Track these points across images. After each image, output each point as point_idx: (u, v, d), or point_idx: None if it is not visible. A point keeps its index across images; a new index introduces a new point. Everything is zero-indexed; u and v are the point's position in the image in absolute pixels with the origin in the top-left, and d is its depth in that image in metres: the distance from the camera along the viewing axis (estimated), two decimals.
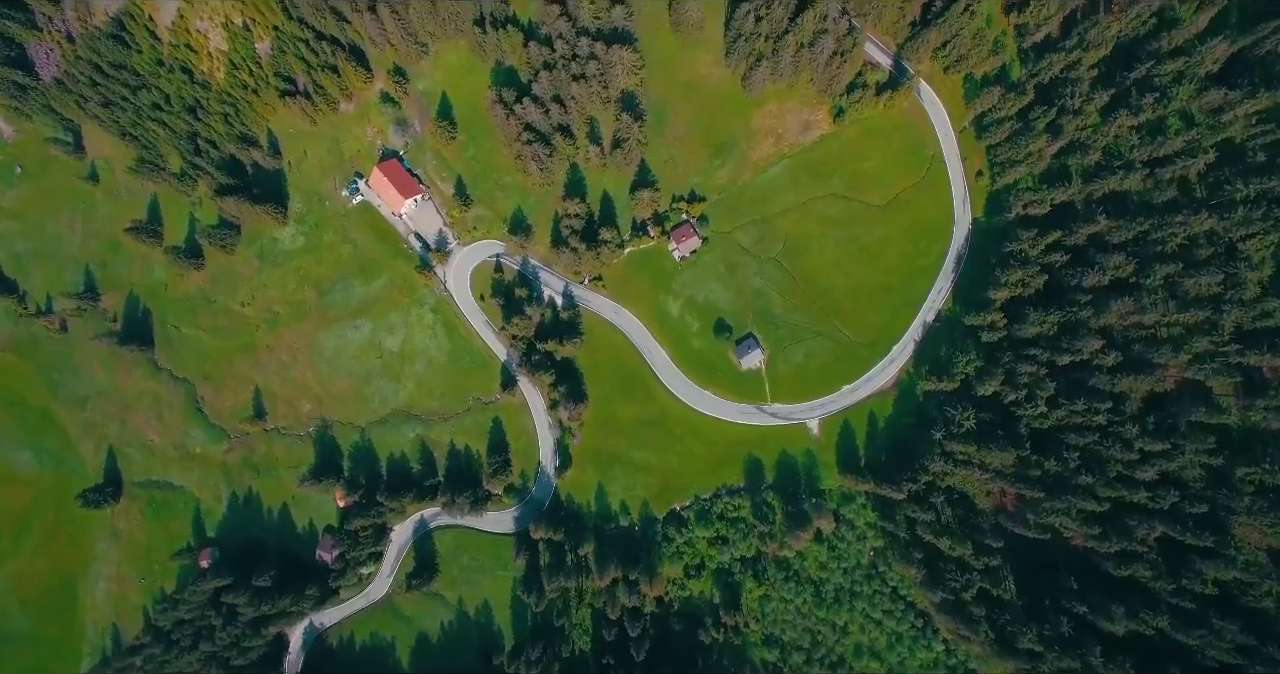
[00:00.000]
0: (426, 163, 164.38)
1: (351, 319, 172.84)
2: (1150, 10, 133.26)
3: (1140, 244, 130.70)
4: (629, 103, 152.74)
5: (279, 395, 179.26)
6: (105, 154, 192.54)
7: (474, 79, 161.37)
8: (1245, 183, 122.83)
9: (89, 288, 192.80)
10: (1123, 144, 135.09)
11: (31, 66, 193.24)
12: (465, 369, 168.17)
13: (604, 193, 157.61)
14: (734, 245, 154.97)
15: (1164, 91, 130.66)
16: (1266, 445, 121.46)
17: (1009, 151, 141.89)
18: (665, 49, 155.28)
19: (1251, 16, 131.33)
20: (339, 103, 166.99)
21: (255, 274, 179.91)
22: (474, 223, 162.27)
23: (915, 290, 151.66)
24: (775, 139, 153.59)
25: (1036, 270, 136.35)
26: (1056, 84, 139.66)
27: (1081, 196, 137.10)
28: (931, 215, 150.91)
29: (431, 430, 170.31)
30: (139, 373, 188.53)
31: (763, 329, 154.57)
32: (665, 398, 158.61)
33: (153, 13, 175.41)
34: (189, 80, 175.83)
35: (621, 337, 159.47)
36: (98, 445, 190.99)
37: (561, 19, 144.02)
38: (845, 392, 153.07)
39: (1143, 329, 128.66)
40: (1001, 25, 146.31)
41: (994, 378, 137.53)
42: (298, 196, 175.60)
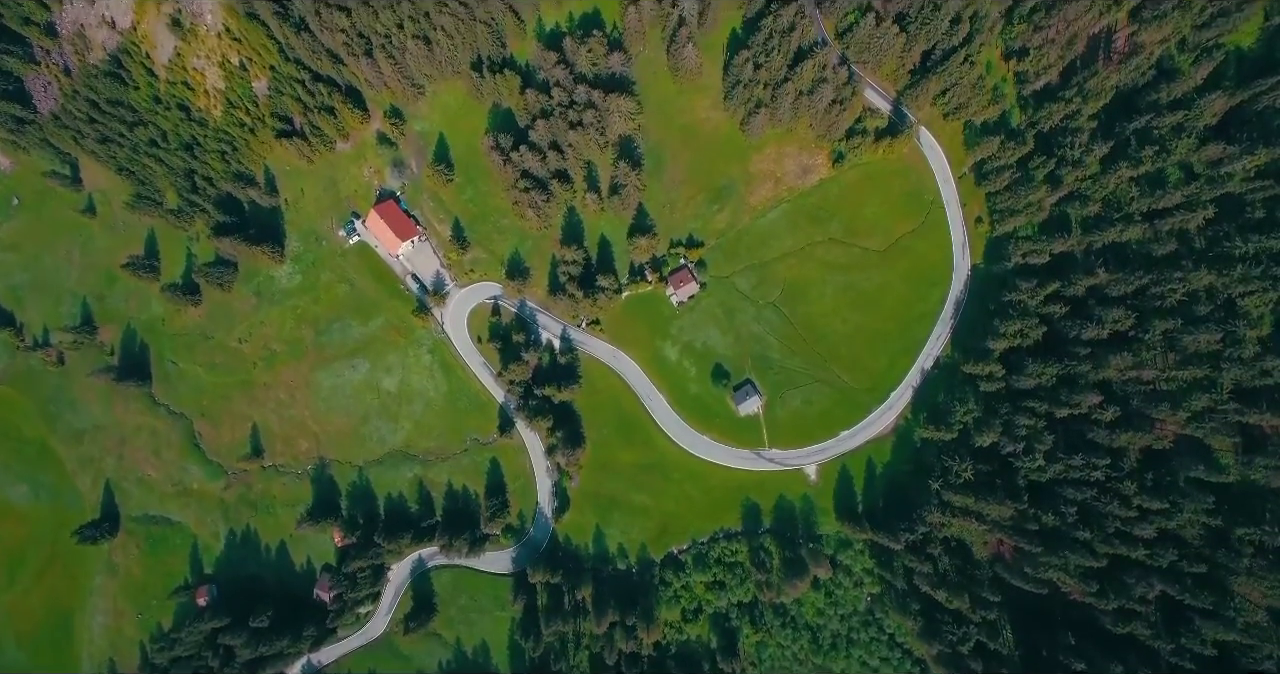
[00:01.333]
0: (424, 204, 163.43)
1: (349, 359, 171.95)
2: (1150, 63, 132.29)
3: (1139, 298, 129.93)
4: (627, 147, 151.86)
5: (276, 433, 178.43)
6: (102, 187, 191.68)
7: (471, 120, 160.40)
8: (1244, 240, 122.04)
9: (86, 321, 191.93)
10: (1122, 195, 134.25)
11: (29, 100, 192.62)
12: (462, 410, 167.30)
13: (601, 236, 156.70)
14: (732, 290, 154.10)
15: (1163, 144, 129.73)
16: (1266, 502, 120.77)
17: (1008, 200, 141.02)
18: (663, 92, 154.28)
19: (1250, 71, 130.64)
20: (335, 142, 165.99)
21: (252, 311, 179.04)
22: (471, 265, 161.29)
23: (914, 336, 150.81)
24: (774, 183, 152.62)
25: (1035, 322, 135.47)
26: (1056, 133, 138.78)
27: (1081, 247, 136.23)
28: (931, 261, 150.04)
29: (429, 470, 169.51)
30: (136, 407, 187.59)
31: (761, 374, 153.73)
32: (663, 442, 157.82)
33: (150, 50, 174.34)
34: (186, 117, 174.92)
35: (619, 380, 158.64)
36: (95, 479, 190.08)
37: (559, 66, 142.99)
38: (843, 437, 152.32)
39: (1141, 384, 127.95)
40: (1001, 72, 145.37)
41: (992, 429, 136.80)
42: (294, 235, 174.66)
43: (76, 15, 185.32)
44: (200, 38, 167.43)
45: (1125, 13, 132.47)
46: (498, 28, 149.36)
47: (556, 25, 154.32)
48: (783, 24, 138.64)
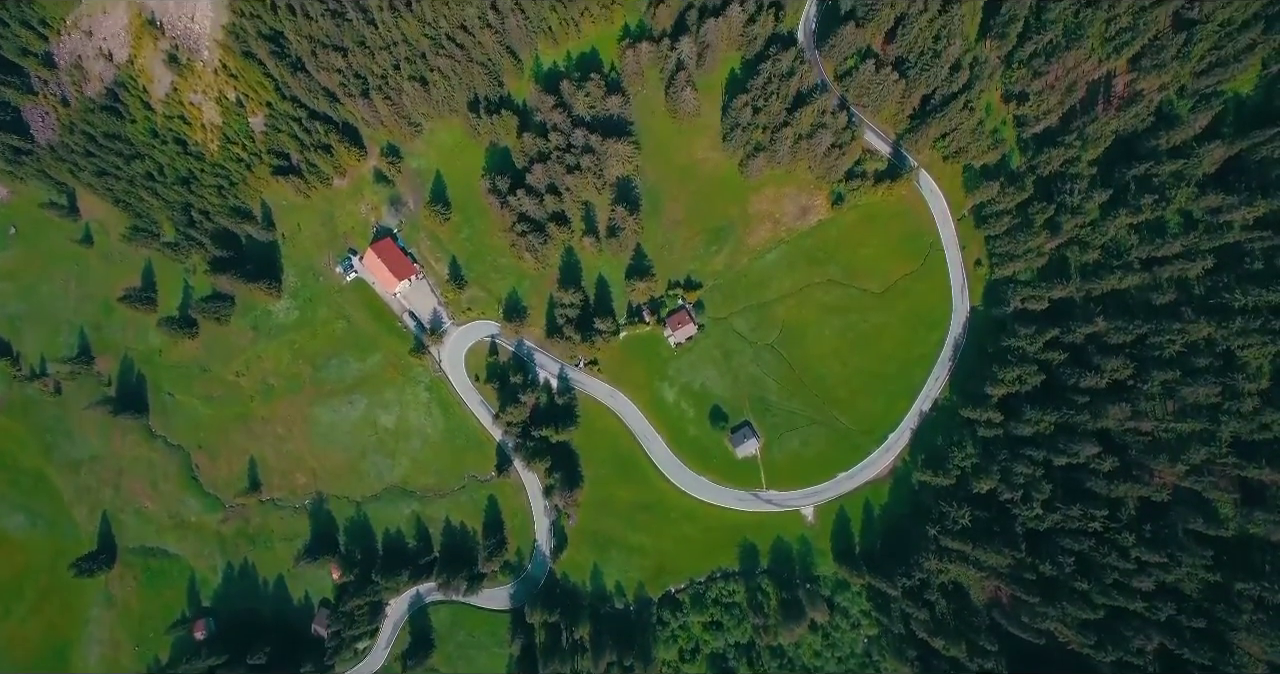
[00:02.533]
0: (421, 242, 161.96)
1: (346, 395, 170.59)
2: (1150, 110, 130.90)
3: (1139, 347, 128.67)
4: (624, 188, 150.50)
5: (274, 467, 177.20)
6: (100, 217, 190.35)
7: (468, 158, 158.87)
8: (1244, 292, 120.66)
9: (83, 350, 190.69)
10: (1122, 242, 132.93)
11: (26, 130, 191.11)
12: (460, 448, 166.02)
13: (599, 276, 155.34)
14: (730, 331, 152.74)
15: (1163, 192, 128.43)
16: (1266, 555, 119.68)
17: (1008, 245, 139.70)
18: (661, 132, 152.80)
19: (1248, 118, 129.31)
20: (332, 179, 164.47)
21: (249, 345, 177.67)
22: (469, 303, 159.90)
23: (912, 379, 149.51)
24: (773, 224, 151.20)
25: (1034, 369, 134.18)
26: (1056, 178, 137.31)
27: (1080, 294, 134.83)
28: (929, 303, 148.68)
29: (427, 507, 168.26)
30: (133, 439, 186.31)
31: (759, 416, 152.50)
32: (661, 482, 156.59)
33: (147, 84, 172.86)
34: (182, 151, 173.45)
35: (617, 420, 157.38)
36: (92, 510, 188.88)
37: (556, 110, 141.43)
38: (840, 479, 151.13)
39: (1140, 435, 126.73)
40: (1001, 114, 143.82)
41: (990, 475, 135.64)
42: (291, 270, 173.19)
43: (74, 46, 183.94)
44: (197, 73, 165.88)
45: (1125, 60, 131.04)
46: (495, 69, 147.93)
47: (554, 65, 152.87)
48: (782, 68, 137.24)
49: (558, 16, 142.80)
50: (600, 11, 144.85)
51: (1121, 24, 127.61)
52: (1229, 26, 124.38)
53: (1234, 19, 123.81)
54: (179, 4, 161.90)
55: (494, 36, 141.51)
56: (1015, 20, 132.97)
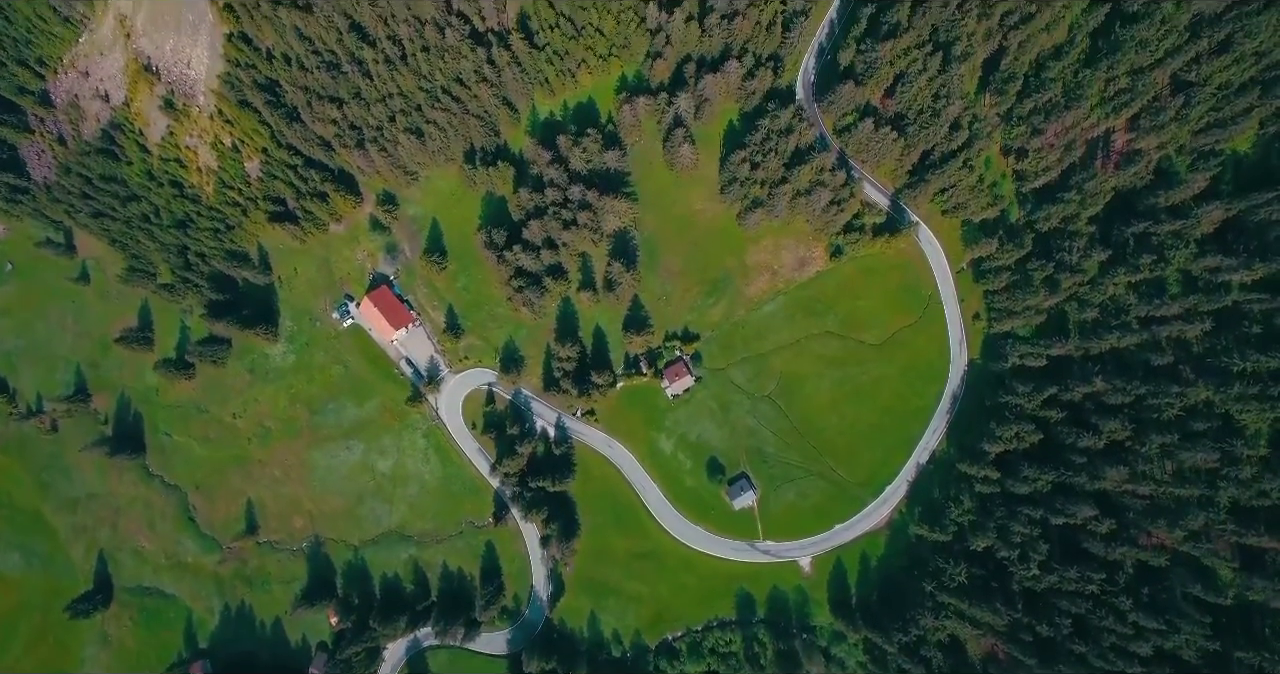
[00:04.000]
0: (417, 289, 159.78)
1: (344, 440, 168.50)
2: (1149, 169, 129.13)
3: (1137, 408, 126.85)
4: (622, 239, 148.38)
5: (271, 510, 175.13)
6: (96, 254, 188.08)
7: (464, 206, 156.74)
8: (1242, 356, 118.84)
9: (80, 388, 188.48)
10: (1121, 302, 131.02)
11: (23, 167, 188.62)
12: (457, 494, 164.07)
13: (596, 327, 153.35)
14: (727, 383, 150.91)
15: (1161, 252, 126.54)
16: (1266, 622, 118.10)
17: (1006, 301, 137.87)
18: (659, 183, 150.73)
19: (1247, 176, 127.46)
20: (328, 224, 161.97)
21: (246, 388, 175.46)
22: (466, 352, 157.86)
23: (910, 431, 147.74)
24: (771, 275, 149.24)
25: (1031, 428, 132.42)
26: (1055, 235, 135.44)
27: (1079, 352, 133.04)
28: (927, 356, 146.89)
29: (425, 552, 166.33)
30: (130, 478, 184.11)
31: (756, 467, 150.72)
32: (657, 532, 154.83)
33: (143, 127, 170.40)
34: (179, 194, 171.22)
35: (614, 470, 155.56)
36: (88, 549, 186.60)
37: (553, 166, 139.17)
38: (837, 530, 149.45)
39: (1138, 498, 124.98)
40: (1000, 167, 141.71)
41: (987, 533, 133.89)
42: (288, 314, 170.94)
43: (70, 86, 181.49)
44: (193, 118, 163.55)
45: (1124, 120, 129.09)
46: (491, 120, 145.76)
47: (551, 115, 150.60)
48: (780, 125, 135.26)
49: (554, 69, 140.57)
50: (597, 63, 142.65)
51: (1120, 85, 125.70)
52: (1226, 89, 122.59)
53: (1231, 82, 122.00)
54: (175, 51, 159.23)
55: (490, 90, 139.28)
56: (1014, 78, 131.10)
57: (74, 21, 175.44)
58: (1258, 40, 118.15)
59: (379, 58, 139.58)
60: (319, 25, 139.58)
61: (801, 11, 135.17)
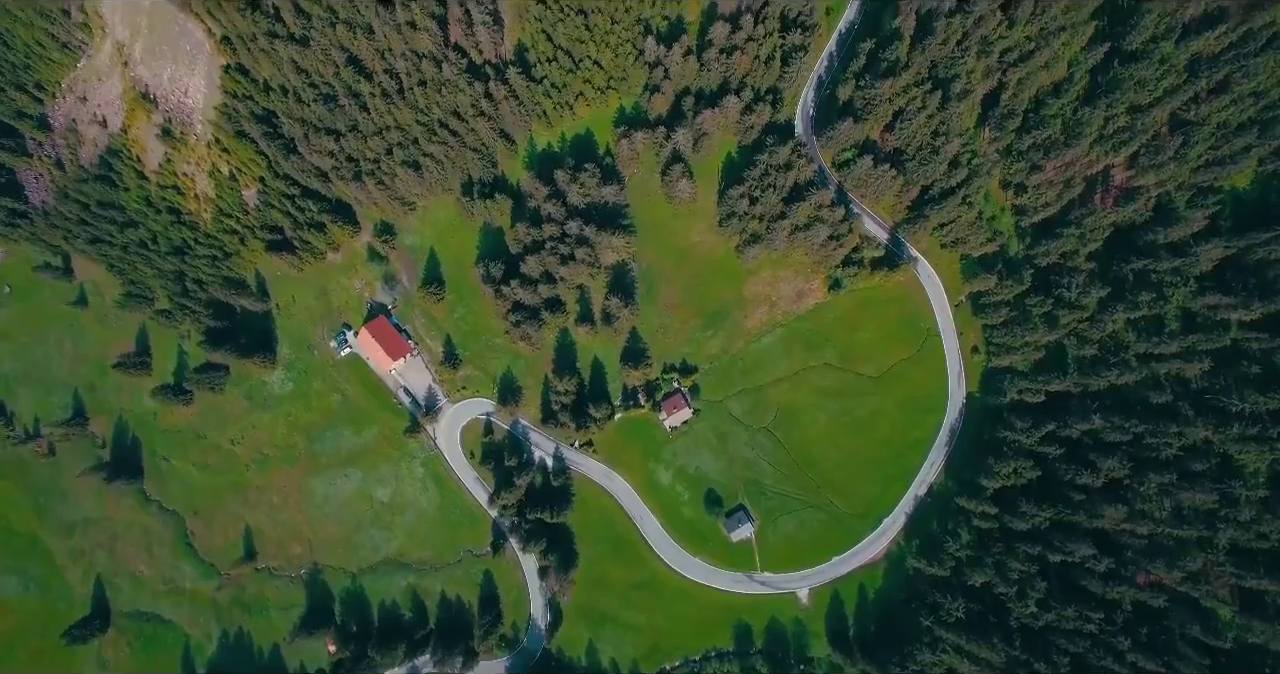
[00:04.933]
0: (415, 319, 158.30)
1: (342, 467, 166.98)
2: (1149, 206, 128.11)
3: (1136, 446, 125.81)
4: (620, 271, 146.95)
5: (269, 536, 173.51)
6: (94, 278, 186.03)
7: (462, 236, 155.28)
8: (1241, 397, 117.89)
9: (77, 412, 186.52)
10: (1120, 338, 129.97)
11: (21, 191, 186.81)
12: (456, 523, 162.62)
13: (594, 358, 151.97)
14: (725, 415, 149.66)
15: (1160, 290, 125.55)
16: (1266, 661, 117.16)
17: (1004, 336, 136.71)
18: (658, 214, 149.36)
19: (1246, 213, 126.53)
20: (326, 253, 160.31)
21: (244, 414, 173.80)
22: (464, 382, 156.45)
23: (908, 463, 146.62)
24: (769, 307, 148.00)
25: (1030, 464, 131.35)
26: (1054, 271, 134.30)
27: (1078, 388, 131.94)
28: (926, 389, 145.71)
29: (423, 579, 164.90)
30: (128, 503, 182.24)
31: (753, 499, 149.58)
32: (655, 562, 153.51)
33: (140, 154, 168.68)
34: (176, 221, 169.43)
35: (612, 500, 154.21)
36: (86, 573, 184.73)
37: (550, 201, 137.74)
38: (835, 562, 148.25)
39: (1137, 537, 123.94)
40: (1000, 201, 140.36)
41: (985, 569, 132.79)
42: (286, 342, 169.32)
43: (69, 110, 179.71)
44: (190, 146, 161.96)
45: (1124, 158, 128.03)
46: (489, 152, 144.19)
47: (549, 145, 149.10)
48: (779, 160, 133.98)
49: (552, 102, 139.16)
50: (595, 96, 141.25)
51: (1120, 123, 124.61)
52: (1224, 129, 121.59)
53: (1229, 122, 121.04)
54: (172, 79, 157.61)
55: (487, 123, 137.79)
56: (1014, 115, 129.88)
57: (72, 47, 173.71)
58: (1255, 81, 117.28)
59: (376, 91, 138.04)
60: (316, 59, 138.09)
61: (800, 46, 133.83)
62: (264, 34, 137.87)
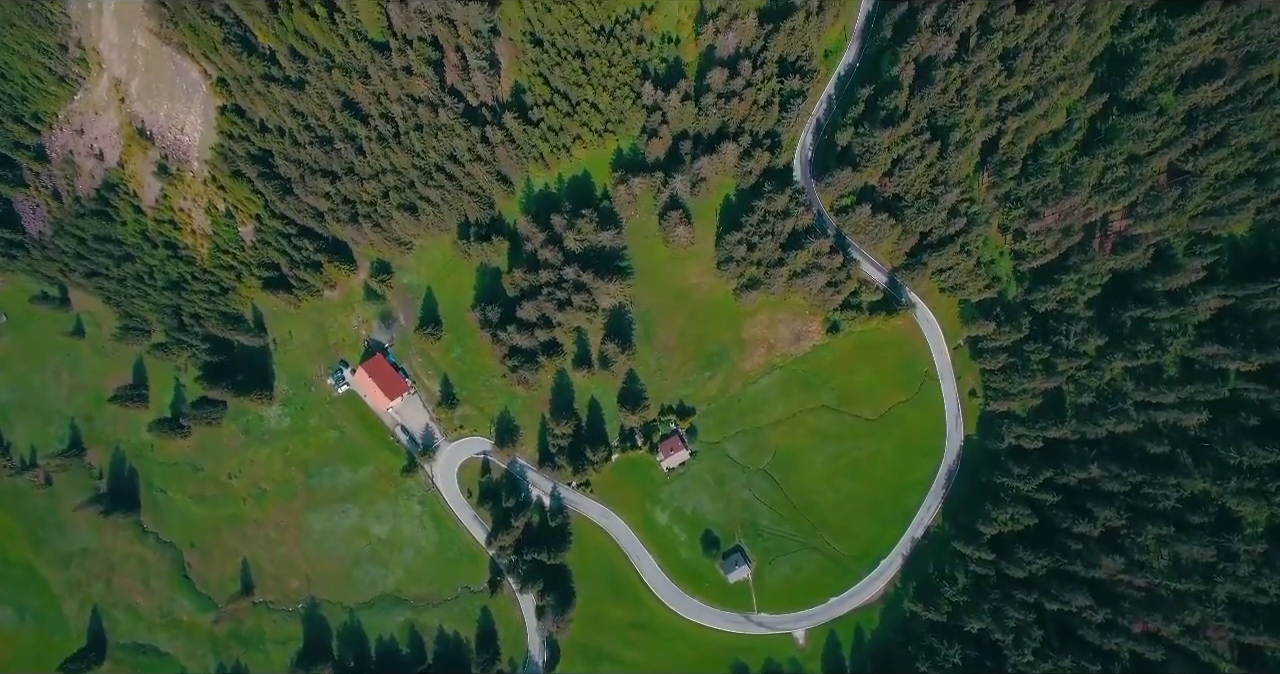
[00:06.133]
0: (412, 358, 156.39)
1: (339, 503, 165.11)
2: (1147, 255, 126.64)
3: (1133, 497, 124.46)
4: (618, 314, 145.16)
5: (267, 570, 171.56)
6: (91, 308, 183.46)
7: (459, 276, 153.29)
8: (1240, 450, 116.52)
9: (74, 442, 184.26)
10: (1118, 387, 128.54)
11: (18, 221, 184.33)
12: (453, 559, 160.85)
13: (592, 398, 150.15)
14: (723, 456, 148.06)
15: (1159, 340, 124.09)
16: None
17: (1003, 382, 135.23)
18: (655, 257, 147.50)
19: (1244, 261, 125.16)
20: (322, 291, 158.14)
21: (242, 449, 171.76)
22: (461, 421, 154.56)
23: (905, 505, 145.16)
24: (767, 349, 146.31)
25: (1027, 511, 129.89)
26: (1052, 317, 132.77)
27: (1075, 436, 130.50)
28: (923, 431, 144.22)
29: (420, 615, 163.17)
30: (125, 535, 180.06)
31: (751, 540, 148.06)
32: (652, 602, 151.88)
33: (137, 188, 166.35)
34: (173, 255, 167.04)
35: (610, 540, 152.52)
36: (82, 605, 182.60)
37: (547, 247, 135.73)
38: (832, 604, 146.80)
39: (1134, 589, 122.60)
40: (998, 244, 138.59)
41: (981, 615, 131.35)
42: (283, 377, 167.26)
43: (66, 141, 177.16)
44: (186, 182, 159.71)
45: (1122, 208, 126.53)
46: (485, 195, 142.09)
47: (545, 187, 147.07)
48: (777, 207, 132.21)
49: (549, 145, 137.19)
50: (593, 138, 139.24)
51: (1118, 173, 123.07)
52: (1222, 180, 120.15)
53: (1227, 173, 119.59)
54: (169, 116, 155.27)
55: (484, 168, 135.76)
56: (1012, 163, 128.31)
57: (69, 80, 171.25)
58: (1253, 134, 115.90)
59: (372, 135, 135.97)
60: (312, 102, 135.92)
61: (799, 92, 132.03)
62: (260, 77, 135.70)
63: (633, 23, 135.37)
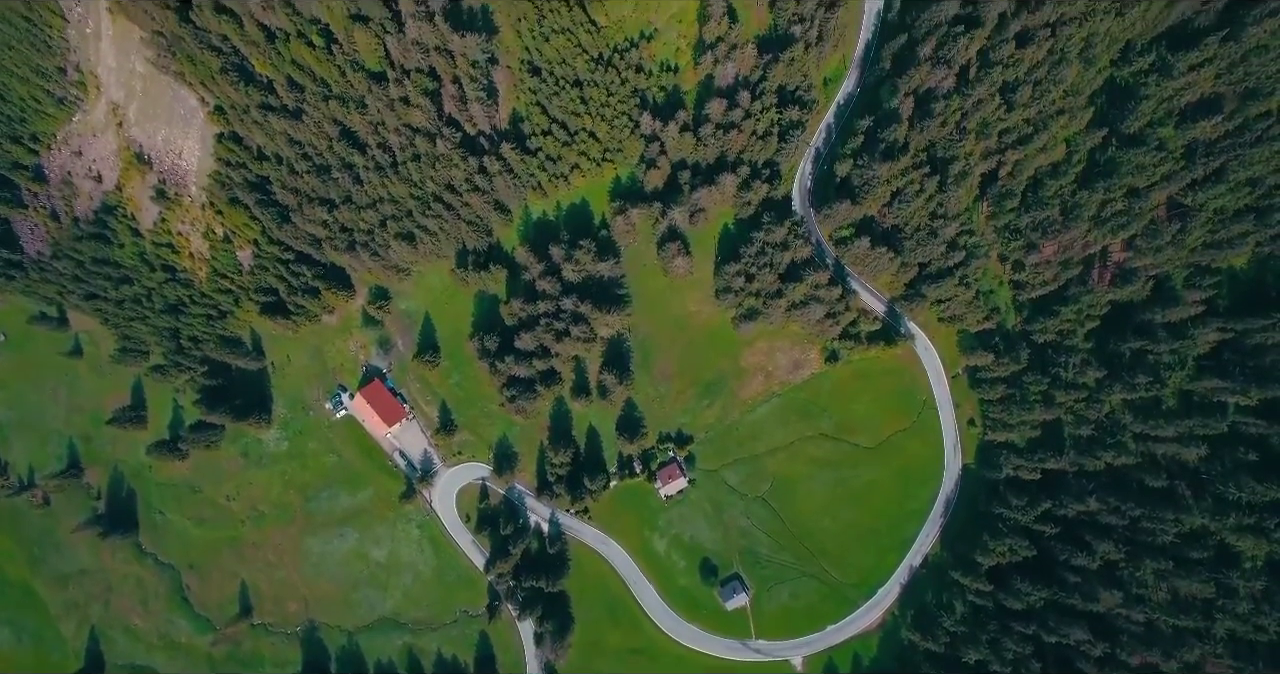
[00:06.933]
0: (410, 384, 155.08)
1: (337, 527, 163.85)
2: (1147, 288, 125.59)
3: (1131, 531, 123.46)
4: (616, 343, 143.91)
5: (265, 592, 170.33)
6: (89, 329, 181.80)
7: (457, 303, 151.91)
8: (1239, 486, 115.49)
9: (72, 462, 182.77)
10: (1117, 420, 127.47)
11: (16, 241, 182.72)
12: (452, 584, 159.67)
13: (590, 426, 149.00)
14: (721, 484, 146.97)
15: (1158, 374, 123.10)
16: None
17: (1001, 413, 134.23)
18: (654, 285, 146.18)
19: (1243, 292, 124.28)
20: (320, 316, 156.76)
21: (240, 471, 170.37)
22: (459, 446, 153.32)
23: (903, 533, 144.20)
24: (765, 377, 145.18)
25: (1025, 543, 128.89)
26: (1051, 347, 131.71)
27: (1074, 468, 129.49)
28: (921, 460, 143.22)
29: (419, 639, 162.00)
30: (123, 556, 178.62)
31: (748, 568, 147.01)
32: (650, 628, 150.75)
33: (135, 212, 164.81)
34: (170, 278, 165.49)
35: (608, 566, 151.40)
36: (80, 625, 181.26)
37: (545, 279, 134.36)
38: (830, 631, 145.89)
39: (1133, 623, 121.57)
40: (997, 273, 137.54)
41: (979, 647, 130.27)
42: (281, 400, 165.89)
43: (64, 162, 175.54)
44: (184, 207, 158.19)
45: (1121, 242, 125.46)
46: (483, 224, 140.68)
47: (544, 214, 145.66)
48: (775, 238, 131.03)
49: (547, 174, 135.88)
50: (591, 167, 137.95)
51: (1117, 207, 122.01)
52: (1222, 215, 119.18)
53: (1226, 208, 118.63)
54: (166, 141, 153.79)
55: (481, 197, 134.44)
56: (1011, 195, 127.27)
57: (68, 102, 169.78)
58: (1251, 170, 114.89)
59: (369, 164, 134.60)
60: (309, 131, 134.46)
61: (798, 123, 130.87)
62: (257, 106, 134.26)
63: (631, 51, 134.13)
